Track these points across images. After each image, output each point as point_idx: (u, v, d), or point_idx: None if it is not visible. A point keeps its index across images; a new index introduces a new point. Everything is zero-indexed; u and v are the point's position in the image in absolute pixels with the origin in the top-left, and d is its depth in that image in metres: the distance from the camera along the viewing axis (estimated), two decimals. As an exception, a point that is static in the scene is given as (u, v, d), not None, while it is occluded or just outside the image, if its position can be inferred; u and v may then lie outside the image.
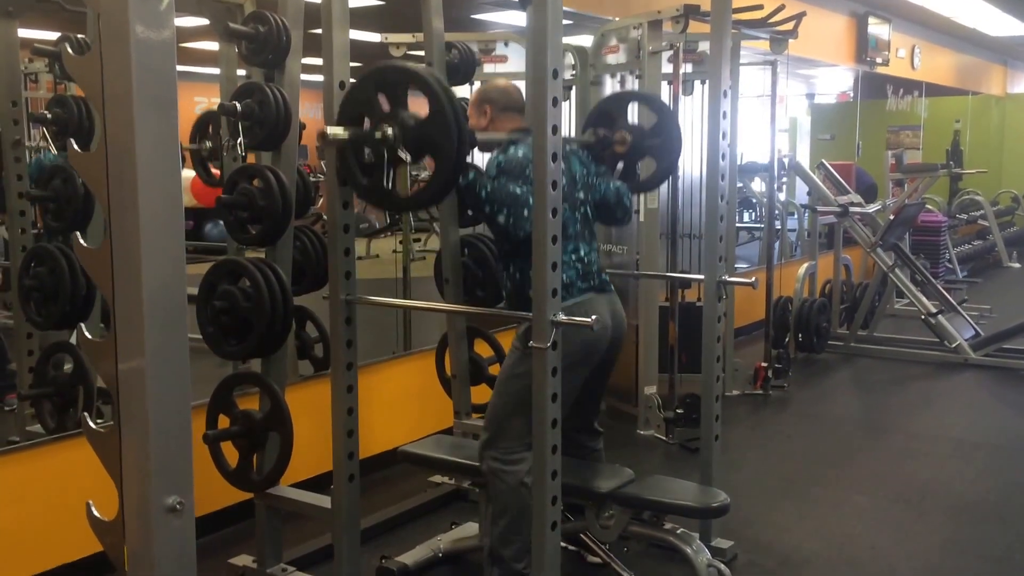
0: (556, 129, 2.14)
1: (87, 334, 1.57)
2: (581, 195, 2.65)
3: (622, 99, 3.05)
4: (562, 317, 2.16)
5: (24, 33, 3.33)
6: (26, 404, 3.13)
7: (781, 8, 4.30)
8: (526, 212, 2.34)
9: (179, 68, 1.42)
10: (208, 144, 3.27)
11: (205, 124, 3.32)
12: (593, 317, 2.20)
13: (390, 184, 2.21)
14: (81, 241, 1.52)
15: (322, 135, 2.12)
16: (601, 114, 2.95)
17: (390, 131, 2.14)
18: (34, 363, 3.04)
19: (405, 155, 2.14)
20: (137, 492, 1.41)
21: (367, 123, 2.21)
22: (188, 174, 4.49)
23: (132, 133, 1.33)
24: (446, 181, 2.17)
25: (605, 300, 2.62)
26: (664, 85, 4.15)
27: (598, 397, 2.80)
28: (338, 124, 2.25)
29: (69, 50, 1.49)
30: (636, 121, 3.01)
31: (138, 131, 1.33)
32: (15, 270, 3.03)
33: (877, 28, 7.70)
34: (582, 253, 2.59)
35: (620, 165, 2.94)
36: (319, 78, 2.49)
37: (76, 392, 2.88)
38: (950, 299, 6.13)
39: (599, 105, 3.08)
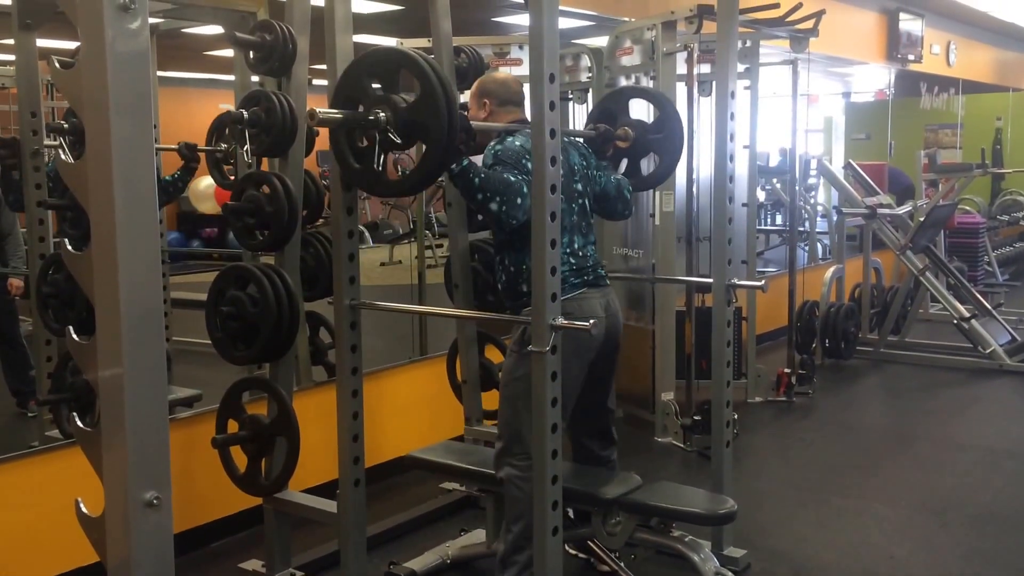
0: (554, 133, 2.13)
1: (74, 336, 1.59)
2: (579, 187, 2.61)
3: (622, 95, 3.02)
4: (561, 321, 2.15)
5: (47, 43, 3.39)
6: (45, 409, 3.19)
7: (798, 7, 4.22)
8: (519, 200, 2.31)
9: (202, 76, 1.44)
10: (223, 146, 3.31)
11: (221, 127, 3.36)
12: (592, 321, 2.18)
13: (380, 167, 2.21)
14: (68, 247, 1.54)
15: (311, 114, 2.12)
16: (603, 112, 2.94)
17: (382, 115, 2.13)
18: (52, 369, 3.10)
19: (396, 138, 2.13)
20: (117, 488, 1.44)
21: (360, 109, 2.20)
22: (211, 181, 4.54)
23: (108, 142, 1.35)
24: (435, 164, 2.16)
25: (599, 296, 2.58)
26: (680, 86, 4.11)
27: (603, 399, 2.74)
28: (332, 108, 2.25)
29: (56, 64, 1.51)
30: (649, 117, 2.98)
31: (114, 139, 1.35)
32: (34, 277, 3.09)
33: (909, 24, 7.52)
34: (576, 246, 2.55)
35: (624, 163, 2.92)
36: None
37: (93, 397, 2.92)
38: (985, 303, 5.95)
39: (600, 102, 3.07)
